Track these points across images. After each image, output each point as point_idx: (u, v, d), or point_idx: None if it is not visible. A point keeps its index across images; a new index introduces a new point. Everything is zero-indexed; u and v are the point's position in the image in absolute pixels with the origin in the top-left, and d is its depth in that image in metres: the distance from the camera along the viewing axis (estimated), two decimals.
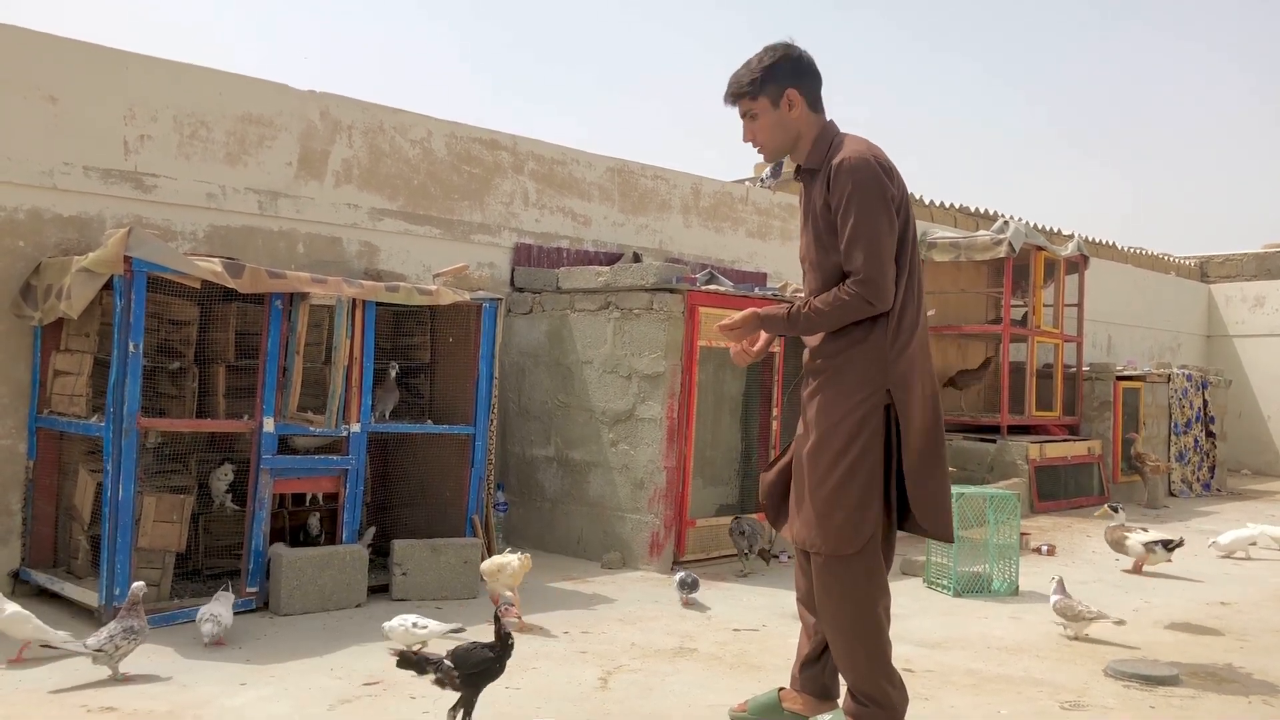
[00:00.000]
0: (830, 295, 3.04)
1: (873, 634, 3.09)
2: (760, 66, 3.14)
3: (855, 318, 3.03)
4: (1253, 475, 13.92)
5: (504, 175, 7.06)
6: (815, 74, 3.19)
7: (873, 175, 3.00)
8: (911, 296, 3.10)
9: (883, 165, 3.05)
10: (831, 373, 3.11)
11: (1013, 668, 4.20)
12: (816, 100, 3.19)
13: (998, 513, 5.71)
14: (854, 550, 3.04)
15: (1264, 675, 4.19)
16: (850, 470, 3.02)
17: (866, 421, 3.03)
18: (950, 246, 10.13)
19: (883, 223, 2.99)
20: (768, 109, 3.16)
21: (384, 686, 3.69)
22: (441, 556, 5.11)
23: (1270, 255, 15.59)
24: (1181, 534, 8.14)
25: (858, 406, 3.03)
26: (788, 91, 3.13)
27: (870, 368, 3.04)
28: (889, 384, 3.03)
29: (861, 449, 3.03)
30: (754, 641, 4.51)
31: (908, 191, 3.15)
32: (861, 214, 2.98)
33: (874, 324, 3.05)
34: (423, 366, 5.89)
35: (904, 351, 3.05)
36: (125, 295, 4.34)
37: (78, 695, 3.50)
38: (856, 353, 3.06)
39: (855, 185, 2.99)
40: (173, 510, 4.59)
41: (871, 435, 3.03)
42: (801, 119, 3.16)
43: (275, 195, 5.91)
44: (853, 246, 2.99)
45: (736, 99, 3.20)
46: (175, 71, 5.57)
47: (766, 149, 3.25)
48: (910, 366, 3.07)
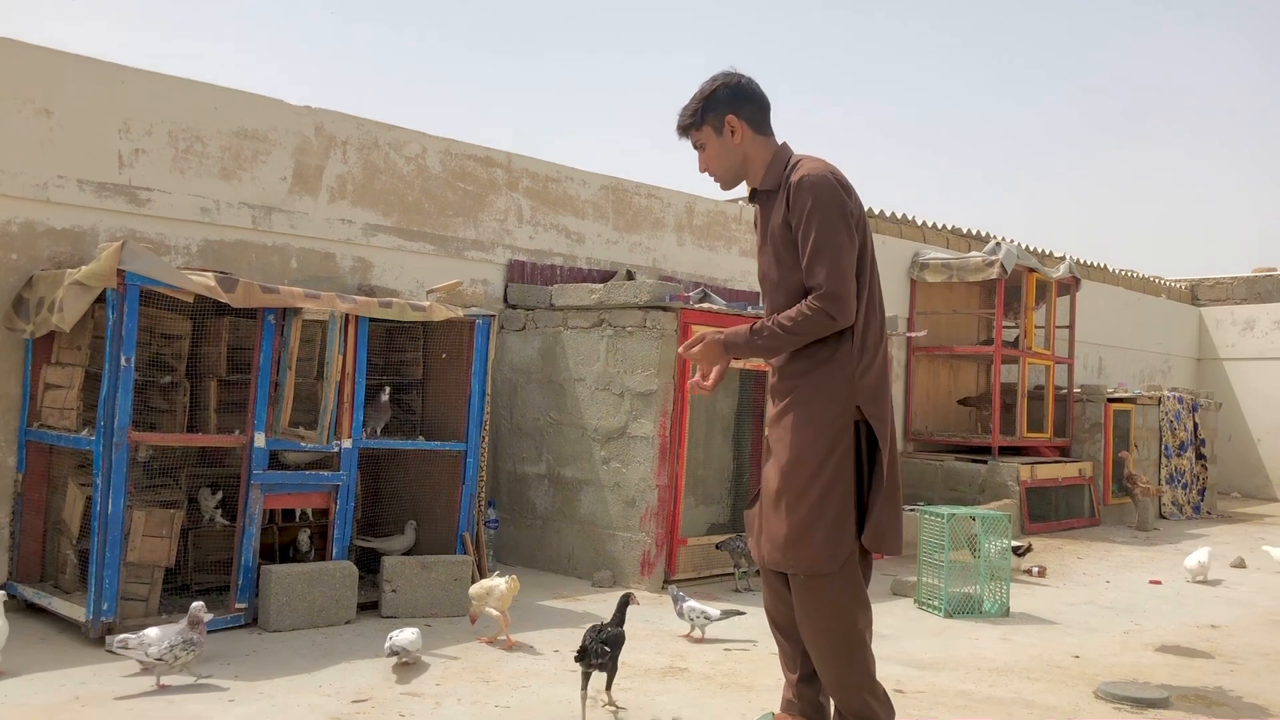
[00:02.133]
0: (794, 311, 3.04)
1: (856, 651, 3.07)
2: (700, 97, 3.19)
3: (819, 333, 3.04)
4: (1243, 498, 13.94)
5: (498, 192, 7.08)
6: (757, 99, 3.22)
7: (832, 191, 3.03)
8: (874, 313, 3.14)
9: (841, 182, 3.09)
10: (800, 392, 3.11)
11: (1003, 689, 4.19)
12: (761, 124, 3.22)
13: (988, 534, 5.71)
14: (834, 568, 3.02)
15: (1254, 698, 4.19)
16: (827, 488, 3.02)
17: (840, 439, 3.04)
18: (942, 267, 10.17)
19: (844, 238, 3.01)
20: (712, 137, 3.20)
21: (373, 704, 3.67)
22: (432, 573, 5.10)
23: (1260, 279, 15.66)
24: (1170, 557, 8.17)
25: (830, 424, 3.04)
26: (727, 118, 3.17)
27: (839, 385, 3.05)
28: (859, 400, 3.05)
29: (836, 467, 3.03)
30: (745, 661, 4.50)
31: (864, 211, 3.18)
32: (822, 229, 3.00)
33: (839, 341, 3.07)
34: (415, 383, 5.88)
35: (871, 367, 3.08)
36: (118, 309, 4.33)
37: (64, 711, 3.48)
38: (824, 371, 3.07)
39: (815, 201, 3.01)
40: (162, 525, 4.57)
41: (845, 453, 3.04)
42: (746, 143, 3.20)
43: (269, 210, 5.92)
44: (814, 261, 3.01)
45: (684, 132, 3.26)
46: (171, 85, 5.57)
47: (717, 176, 3.28)
48: (878, 382, 3.10)
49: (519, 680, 4.04)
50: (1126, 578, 7.10)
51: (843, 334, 3.06)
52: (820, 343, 3.07)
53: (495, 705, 3.71)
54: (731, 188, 3.33)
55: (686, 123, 3.23)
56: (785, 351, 3.15)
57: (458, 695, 3.81)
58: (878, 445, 3.06)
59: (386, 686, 3.89)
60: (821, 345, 3.08)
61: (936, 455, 9.92)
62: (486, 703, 3.74)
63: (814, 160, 3.15)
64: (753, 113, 3.20)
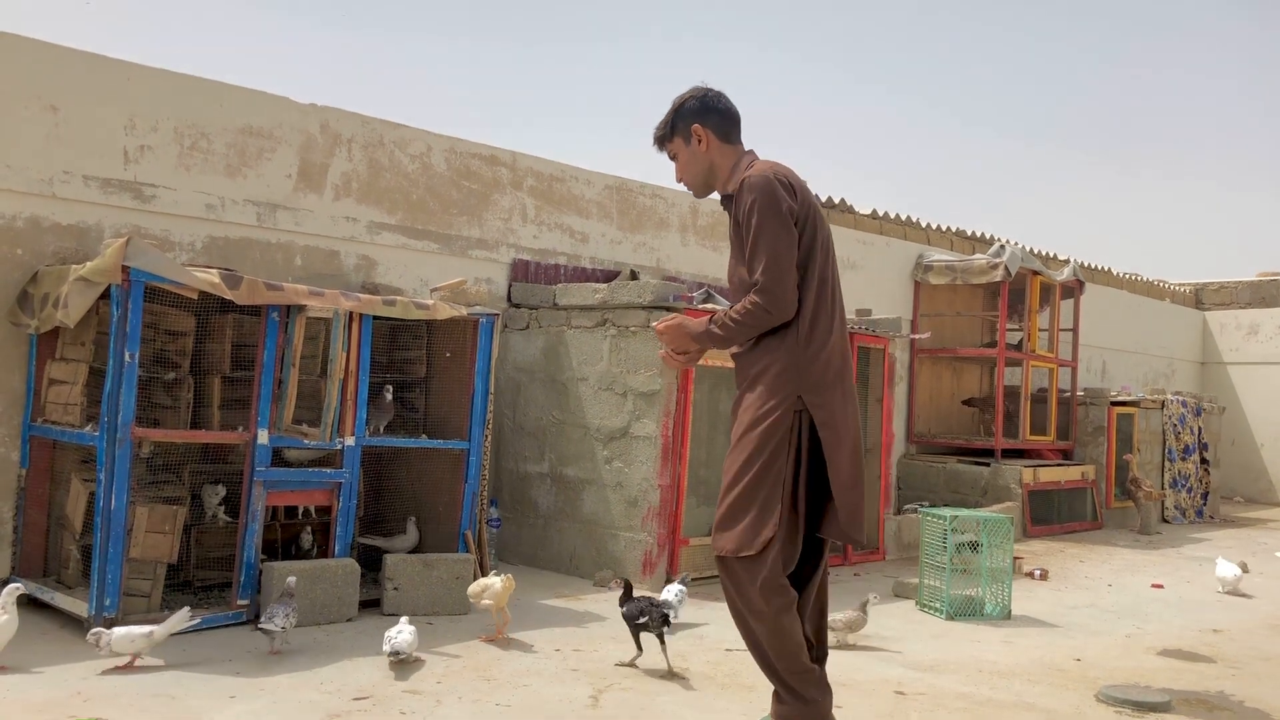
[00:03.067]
0: (739, 306, 3.19)
1: (779, 633, 3.15)
2: (671, 110, 3.41)
3: (761, 327, 3.18)
4: (1245, 503, 13.92)
5: (503, 191, 7.08)
6: (723, 110, 3.40)
7: (769, 190, 3.16)
8: (824, 306, 3.23)
9: (783, 181, 3.20)
10: (750, 381, 3.26)
11: (1005, 692, 4.19)
12: (728, 134, 3.40)
13: (991, 536, 5.71)
14: (754, 552, 3.12)
15: (1256, 703, 4.18)
16: (759, 474, 3.14)
17: (777, 427, 3.15)
18: (946, 269, 10.16)
19: (780, 235, 3.14)
20: (682, 147, 3.41)
21: (374, 702, 3.68)
22: (434, 572, 5.10)
23: (1265, 283, 15.64)
24: (1173, 561, 8.16)
25: (770, 412, 3.16)
26: (694, 127, 3.36)
27: (783, 374, 3.17)
28: (801, 390, 3.16)
29: (770, 453, 3.15)
30: (746, 661, 4.48)
31: (818, 207, 3.30)
32: (760, 227, 3.15)
33: (786, 332, 3.19)
34: (418, 381, 5.88)
35: (817, 358, 3.18)
36: (122, 305, 4.33)
37: (66, 706, 3.48)
38: (771, 360, 3.20)
39: (754, 201, 3.16)
40: (165, 521, 4.57)
41: (780, 440, 3.16)
42: (713, 152, 3.38)
43: (274, 207, 5.92)
44: (754, 259, 3.16)
45: (660, 143, 3.47)
46: (177, 82, 5.58)
47: (689, 184, 3.47)
48: (825, 372, 3.19)
49: (520, 679, 4.04)
50: (1128, 581, 7.10)
51: (788, 326, 3.19)
52: (771, 334, 3.21)
53: (496, 704, 3.72)
54: (704, 195, 3.51)
55: (660, 134, 3.45)
56: (737, 343, 3.30)
57: (458, 693, 3.81)
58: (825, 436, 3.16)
59: (387, 684, 3.89)
60: (771, 336, 3.21)
61: (939, 457, 9.92)
62: (487, 701, 3.74)
63: (764, 163, 3.31)
64: (718, 122, 3.38)
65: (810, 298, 3.19)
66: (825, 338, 3.21)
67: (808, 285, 3.20)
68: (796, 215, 3.19)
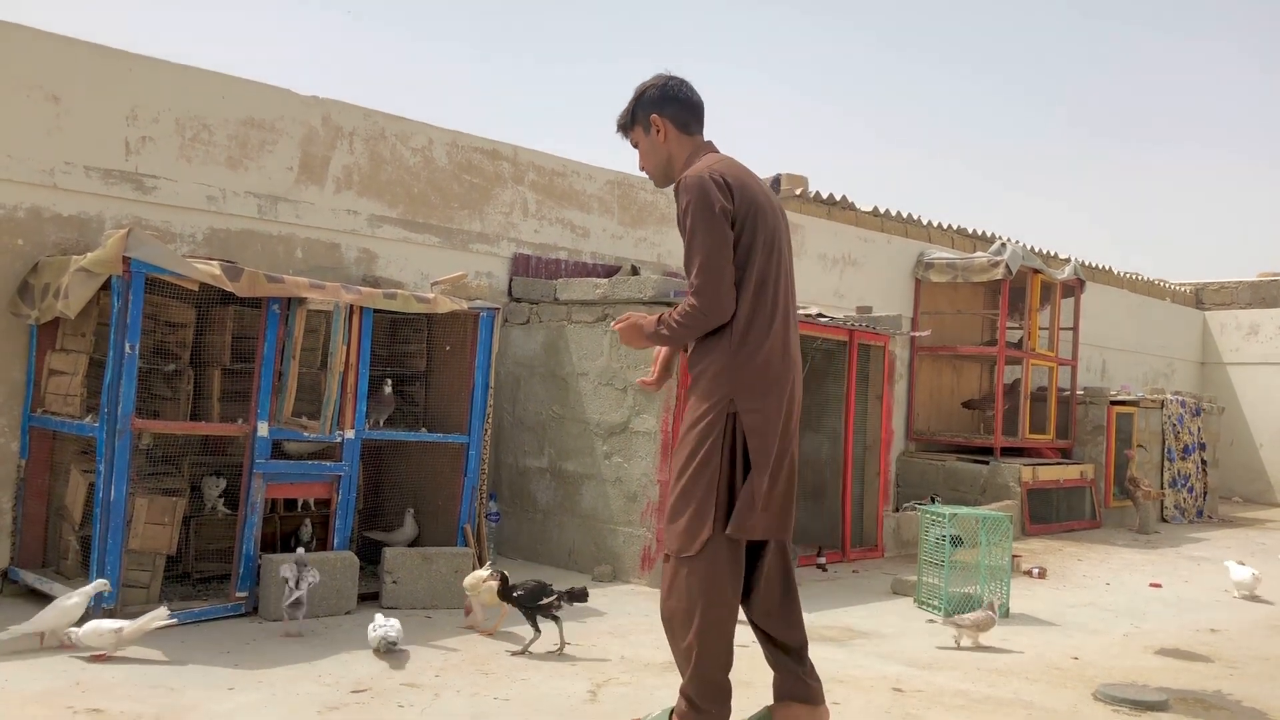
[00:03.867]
0: (680, 307, 3.18)
1: (708, 638, 3.13)
2: (632, 99, 3.40)
3: (698, 328, 3.17)
4: (1244, 503, 13.93)
5: (504, 185, 7.07)
6: (683, 100, 3.37)
7: (703, 191, 3.12)
8: (762, 307, 3.18)
9: (718, 181, 3.15)
10: (693, 382, 3.25)
11: (1002, 689, 4.19)
12: (686, 124, 3.37)
13: (989, 534, 5.71)
14: (693, 553, 3.13)
15: (1253, 702, 4.18)
16: (695, 475, 3.14)
17: (711, 428, 3.15)
18: (947, 267, 10.16)
19: (713, 236, 3.11)
20: (642, 136, 3.39)
21: (372, 694, 3.68)
22: (433, 565, 5.10)
23: (1265, 284, 15.64)
24: (1171, 560, 8.16)
25: (705, 414, 3.16)
26: (653, 117, 3.35)
27: (718, 376, 3.16)
28: (734, 392, 3.14)
29: (705, 455, 3.14)
30: (743, 658, 4.48)
31: (762, 204, 3.23)
32: (693, 229, 3.13)
33: (722, 334, 3.17)
34: (418, 375, 5.88)
35: (751, 360, 3.15)
36: (123, 296, 4.33)
37: (64, 697, 3.49)
38: (709, 362, 3.19)
39: (687, 202, 3.14)
40: (164, 513, 4.57)
41: (714, 442, 3.14)
42: (671, 142, 3.36)
43: (275, 200, 5.92)
44: (689, 260, 3.15)
45: (622, 131, 3.46)
46: (178, 73, 5.57)
47: (650, 173, 3.45)
48: (761, 374, 3.16)
49: (518, 672, 4.04)
50: (1127, 580, 7.10)
51: (725, 327, 3.17)
52: (710, 335, 3.20)
53: (494, 697, 3.72)
54: (665, 185, 3.47)
55: (622, 122, 3.44)
56: (681, 344, 3.29)
57: (456, 687, 3.81)
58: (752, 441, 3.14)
59: (385, 677, 3.89)
60: (711, 337, 3.20)
61: (938, 455, 9.92)
62: (485, 695, 3.75)
63: (706, 159, 3.27)
64: (677, 112, 3.35)
65: (747, 299, 3.15)
66: (762, 339, 3.16)
67: (745, 285, 3.16)
68: (733, 215, 3.14)
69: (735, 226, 3.15)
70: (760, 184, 3.30)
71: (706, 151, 3.35)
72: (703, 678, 3.15)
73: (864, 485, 7.64)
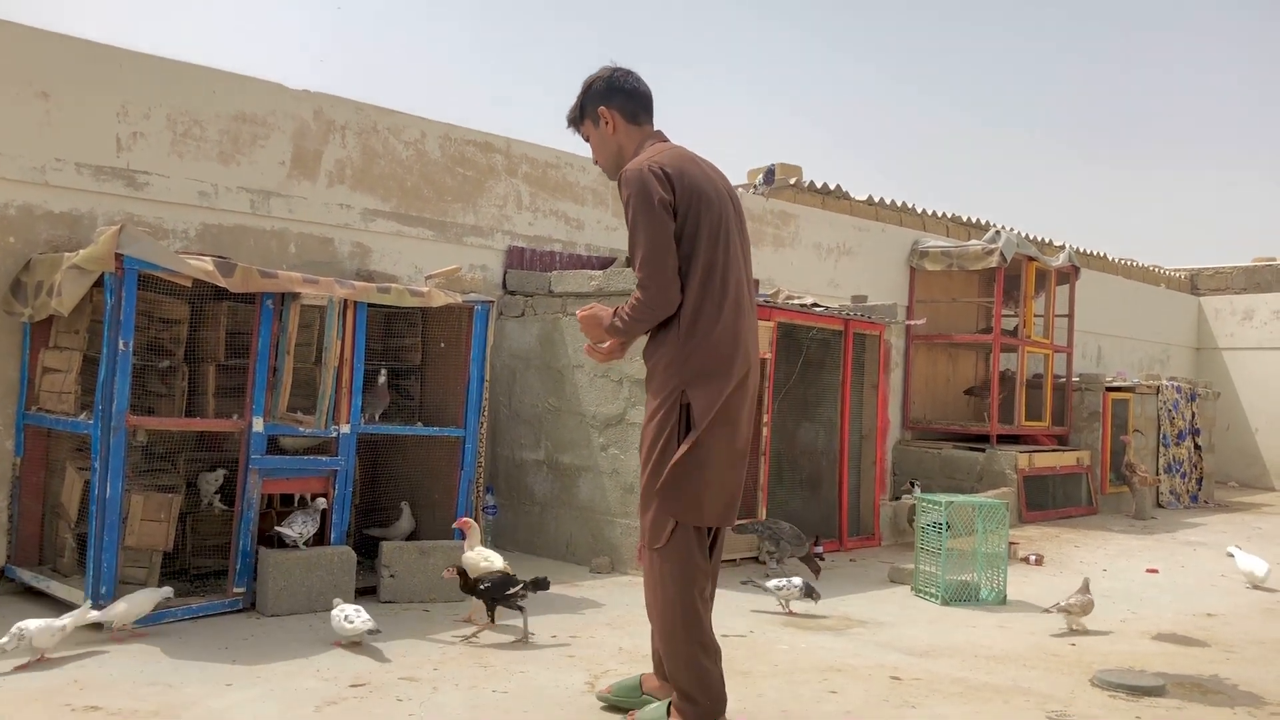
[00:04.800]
0: (629, 301, 3.21)
1: (685, 627, 3.18)
2: (580, 93, 3.42)
3: (647, 319, 3.20)
4: (1240, 488, 13.96)
5: (497, 178, 7.06)
6: (631, 91, 3.39)
7: (642, 184, 3.14)
8: (710, 295, 3.19)
9: (657, 172, 3.16)
10: (649, 374, 3.29)
11: (1000, 676, 4.20)
12: (634, 115, 3.39)
13: (986, 522, 5.72)
14: (663, 544, 3.17)
15: (1249, 686, 4.20)
16: (655, 468, 3.18)
17: (666, 420, 3.18)
18: (942, 256, 10.16)
19: (654, 229, 3.13)
20: (592, 129, 3.42)
21: (370, 688, 3.68)
22: (430, 559, 5.10)
23: (1259, 269, 15.66)
24: (1168, 546, 8.18)
25: (660, 406, 3.20)
26: (601, 110, 3.37)
27: (668, 366, 3.19)
28: (683, 382, 3.17)
29: (662, 447, 3.18)
30: (741, 647, 4.51)
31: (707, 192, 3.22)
32: (635, 221, 3.15)
33: (670, 325, 3.20)
34: (413, 369, 5.87)
35: (699, 349, 3.16)
36: (116, 293, 4.32)
37: (62, 695, 3.48)
38: (659, 354, 3.22)
39: (628, 195, 3.16)
40: (160, 509, 4.57)
41: (670, 433, 3.18)
42: (620, 134, 3.39)
43: (268, 195, 5.90)
44: (633, 253, 3.18)
45: (572, 126, 3.48)
46: (169, 69, 5.55)
47: (602, 165, 3.47)
48: (709, 363, 3.17)
49: (516, 665, 4.05)
50: (1123, 566, 7.12)
51: (673, 317, 3.19)
52: (661, 327, 3.23)
53: (493, 690, 3.72)
54: (615, 176, 3.44)
55: (571, 117, 3.46)
56: (635, 336, 3.30)
57: (455, 680, 3.82)
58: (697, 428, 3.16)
59: (384, 671, 3.90)
60: (662, 328, 3.23)
61: (934, 443, 9.93)
62: (484, 688, 3.75)
63: (650, 150, 3.28)
64: (624, 103, 3.37)
65: (694, 288, 3.16)
66: (710, 328, 3.17)
67: (691, 276, 3.16)
68: (674, 206, 3.15)
69: (678, 217, 3.16)
70: (706, 171, 3.29)
71: (655, 141, 3.36)
72: (692, 667, 3.18)
73: (860, 474, 7.65)
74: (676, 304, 3.16)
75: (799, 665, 4.24)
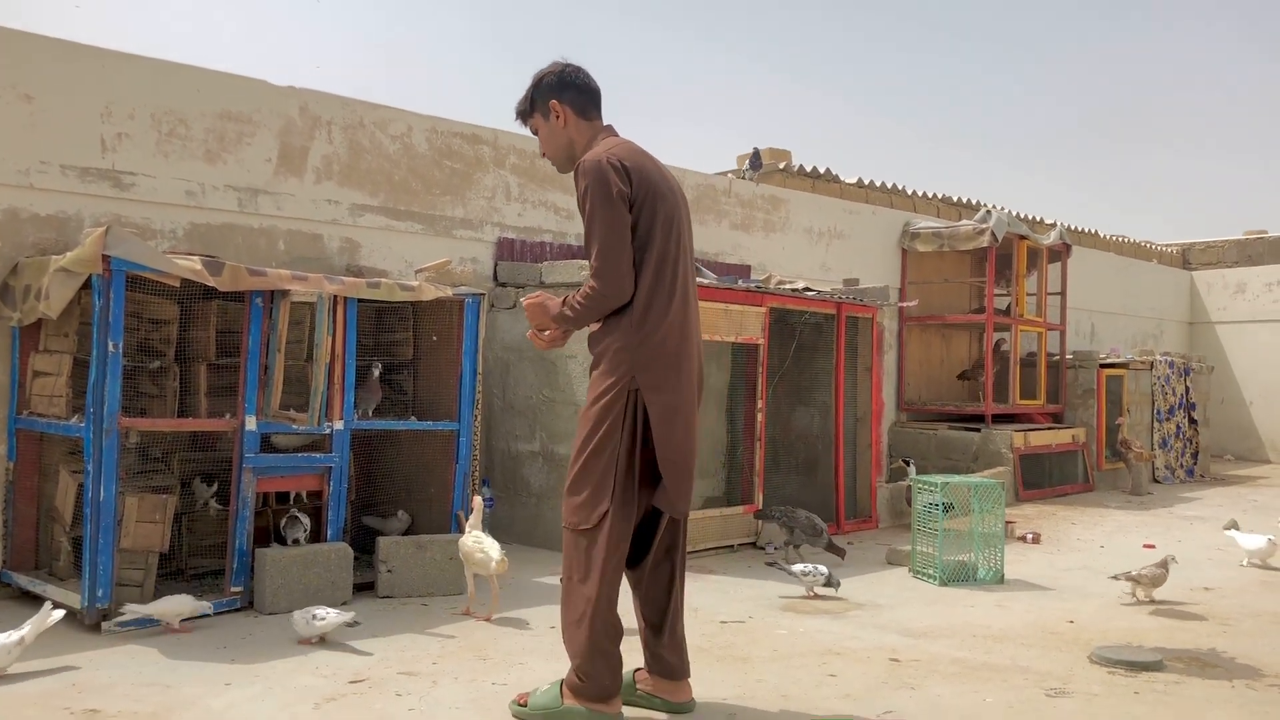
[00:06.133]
0: (582, 289, 3.26)
1: (597, 611, 3.24)
2: (530, 86, 3.46)
3: (600, 309, 3.26)
4: (1235, 461, 14.00)
5: (485, 170, 7.03)
6: (582, 86, 3.44)
7: (600, 176, 3.20)
8: (661, 286, 3.26)
9: (615, 165, 3.22)
10: (595, 360, 3.33)
11: (998, 655, 4.21)
12: (585, 109, 3.44)
13: (982, 501, 5.73)
14: (589, 526, 3.24)
15: (1247, 659, 4.21)
16: (596, 451, 3.24)
17: (611, 407, 3.24)
18: (933, 237, 10.15)
19: (611, 221, 3.19)
20: (542, 123, 3.46)
21: (370, 684, 3.68)
22: (427, 553, 5.10)
23: (1251, 242, 15.67)
24: (1164, 520, 8.21)
25: (606, 392, 3.25)
26: (552, 104, 3.42)
27: (618, 355, 3.24)
28: (635, 370, 3.23)
29: (606, 432, 3.23)
30: (740, 632, 4.51)
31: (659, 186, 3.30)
32: (592, 213, 3.20)
33: (623, 314, 3.26)
34: (406, 363, 5.86)
35: (651, 338, 3.23)
36: (104, 294, 4.30)
37: (60, 698, 3.48)
38: (608, 342, 3.28)
39: (585, 187, 3.21)
40: (155, 510, 4.56)
41: (615, 420, 3.24)
42: (571, 128, 3.43)
43: (255, 192, 5.88)
44: (588, 244, 3.23)
45: (521, 118, 3.52)
46: (153, 68, 5.52)
47: (552, 159, 3.51)
48: (660, 352, 3.24)
49: (515, 658, 4.05)
50: (1121, 542, 7.13)
51: (626, 307, 3.24)
52: (612, 315, 3.27)
53: (492, 683, 3.72)
54: (567, 170, 3.52)
55: (521, 109, 3.50)
56: (583, 325, 3.35)
57: (454, 674, 3.82)
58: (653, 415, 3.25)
59: (383, 666, 3.90)
60: (612, 317, 3.28)
61: (930, 424, 9.94)
62: (483, 681, 3.75)
63: (604, 144, 3.34)
64: (575, 98, 3.42)
65: (647, 279, 3.24)
66: (661, 318, 3.25)
67: (645, 266, 3.24)
68: (630, 198, 3.22)
69: (633, 209, 3.24)
70: (658, 167, 3.39)
71: (606, 136, 3.43)
72: (594, 648, 3.25)
73: (856, 457, 7.65)
74: (630, 295, 3.23)
75: (798, 649, 4.25)
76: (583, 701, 3.27)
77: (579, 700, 3.28)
